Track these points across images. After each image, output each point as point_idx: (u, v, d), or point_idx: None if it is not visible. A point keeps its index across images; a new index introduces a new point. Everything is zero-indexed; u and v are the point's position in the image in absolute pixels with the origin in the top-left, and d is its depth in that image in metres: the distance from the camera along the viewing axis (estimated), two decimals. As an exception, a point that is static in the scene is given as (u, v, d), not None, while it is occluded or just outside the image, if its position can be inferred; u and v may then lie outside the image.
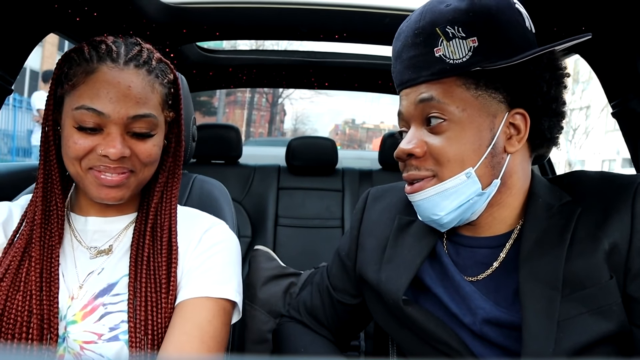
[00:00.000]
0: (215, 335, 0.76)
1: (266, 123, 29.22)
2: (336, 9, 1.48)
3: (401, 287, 0.76)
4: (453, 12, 0.68)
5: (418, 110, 0.72)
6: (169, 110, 0.84)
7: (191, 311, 0.77)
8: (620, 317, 0.65)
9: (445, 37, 0.68)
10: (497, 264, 0.73)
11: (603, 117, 16.43)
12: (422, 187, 0.72)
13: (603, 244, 0.66)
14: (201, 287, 0.79)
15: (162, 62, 0.82)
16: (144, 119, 0.75)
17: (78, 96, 0.74)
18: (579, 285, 0.66)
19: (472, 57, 0.68)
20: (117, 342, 0.74)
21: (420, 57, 0.70)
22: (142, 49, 0.79)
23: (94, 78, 0.74)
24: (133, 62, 0.76)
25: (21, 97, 10.56)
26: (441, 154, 0.70)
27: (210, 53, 2.10)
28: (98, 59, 0.75)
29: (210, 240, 0.84)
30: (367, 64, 2.15)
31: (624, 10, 1.09)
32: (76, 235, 0.83)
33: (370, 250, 0.85)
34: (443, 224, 0.73)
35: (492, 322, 0.70)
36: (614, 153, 18.05)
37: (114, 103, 0.73)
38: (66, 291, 0.77)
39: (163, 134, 0.83)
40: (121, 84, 0.74)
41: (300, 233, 2.26)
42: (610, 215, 0.68)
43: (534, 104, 0.70)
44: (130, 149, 0.75)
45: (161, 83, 0.80)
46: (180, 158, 0.88)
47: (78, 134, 0.74)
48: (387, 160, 2.39)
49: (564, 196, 0.73)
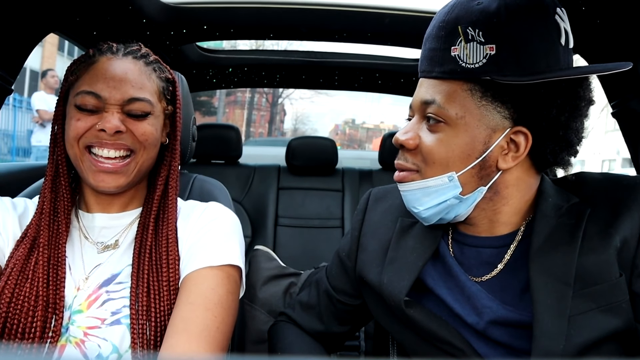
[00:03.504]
0: (221, 302, 0.78)
1: (266, 123, 29.23)
2: (336, 9, 1.48)
3: (403, 290, 0.76)
4: (479, 13, 0.65)
5: (422, 108, 0.72)
6: (167, 103, 0.89)
7: (194, 282, 0.79)
8: (628, 314, 0.66)
9: (465, 38, 0.66)
10: (503, 264, 0.73)
11: (603, 117, 16.42)
12: (406, 178, 0.74)
13: (614, 240, 0.66)
14: (202, 259, 0.81)
15: (159, 63, 0.89)
16: (139, 102, 0.81)
17: (80, 84, 0.81)
18: (590, 282, 0.66)
19: (486, 65, 0.65)
20: (119, 325, 0.76)
21: (437, 52, 0.69)
22: (140, 48, 0.87)
23: (95, 67, 0.81)
24: (131, 55, 0.84)
25: (21, 97, 10.56)
26: (430, 153, 0.70)
27: (210, 53, 2.10)
28: (99, 53, 0.83)
29: (207, 217, 0.88)
30: (367, 64, 2.15)
31: (624, 10, 1.09)
32: (84, 231, 0.86)
33: (371, 251, 0.85)
34: (423, 218, 0.75)
35: (499, 321, 0.70)
36: (614, 153, 18.05)
37: (111, 87, 0.79)
38: (72, 282, 0.80)
39: (161, 123, 0.88)
40: (118, 70, 0.81)
41: (300, 233, 2.26)
42: (621, 213, 0.68)
43: (539, 126, 0.67)
44: (126, 127, 0.80)
45: (158, 76, 0.87)
46: (176, 153, 0.91)
47: (79, 114, 0.80)
48: (387, 160, 2.39)
49: (572, 197, 0.72)
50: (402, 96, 2.48)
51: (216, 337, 0.75)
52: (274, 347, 0.93)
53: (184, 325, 0.73)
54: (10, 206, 0.86)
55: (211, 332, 0.74)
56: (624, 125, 1.30)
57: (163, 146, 0.91)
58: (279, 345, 0.91)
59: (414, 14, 1.49)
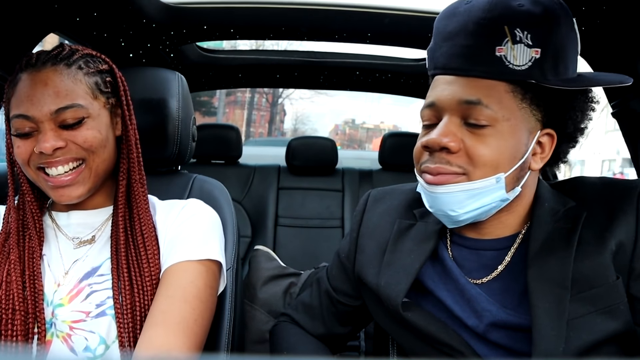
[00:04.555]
0: (199, 295, 0.79)
1: (266, 123, 29.22)
2: (336, 9, 1.48)
3: (400, 293, 0.76)
4: (527, 15, 0.65)
5: (461, 108, 0.68)
6: (106, 97, 0.84)
7: (173, 275, 0.79)
8: (626, 316, 0.66)
9: (512, 39, 0.65)
10: (503, 267, 0.73)
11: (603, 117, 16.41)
12: (449, 181, 0.69)
13: (610, 244, 0.67)
14: (181, 252, 0.81)
15: (89, 56, 0.84)
16: (68, 110, 0.78)
17: (12, 108, 0.79)
18: (587, 285, 0.66)
19: (531, 68, 0.65)
20: (104, 317, 0.77)
21: (477, 50, 0.66)
22: (63, 49, 0.82)
23: (18, 87, 0.79)
24: (50, 62, 0.80)
25: (21, 97, 10.54)
26: (478, 155, 0.67)
27: (210, 53, 2.10)
28: (20, 70, 0.80)
29: (186, 212, 0.88)
30: (367, 64, 2.15)
31: (624, 10, 1.09)
32: (60, 230, 0.86)
33: (369, 253, 0.85)
34: (457, 221, 0.71)
35: (498, 324, 0.70)
36: (614, 153, 18.05)
37: (35, 104, 0.77)
38: (52, 278, 0.81)
39: (105, 121, 0.84)
40: (38, 84, 0.78)
41: (300, 233, 2.26)
42: (616, 217, 0.68)
43: (565, 129, 0.70)
44: (65, 140, 0.78)
45: (86, 73, 0.82)
46: (132, 144, 0.87)
47: (18, 140, 0.79)
48: (387, 160, 2.39)
49: (568, 201, 0.73)
50: (402, 96, 2.49)
51: (194, 329, 0.76)
52: (277, 348, 0.93)
53: (162, 318, 0.74)
54: None
55: (189, 324, 0.75)
56: (624, 125, 1.30)
57: (120, 138, 0.88)
58: (284, 345, 0.91)
59: (414, 14, 1.49)
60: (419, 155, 0.73)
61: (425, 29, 0.74)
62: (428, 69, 0.75)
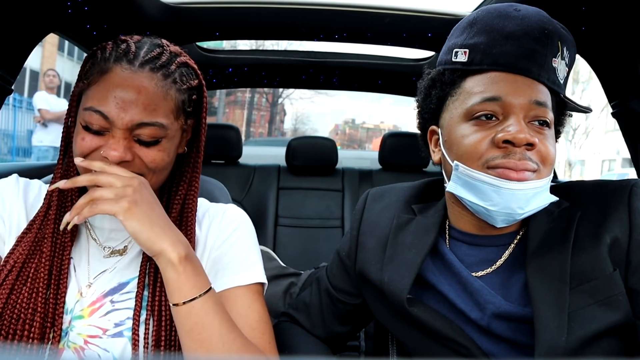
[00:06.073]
0: (261, 318, 0.78)
1: (266, 123, 29.24)
2: (336, 9, 1.48)
3: (404, 288, 0.77)
4: (568, 36, 0.73)
5: (531, 107, 0.69)
6: (187, 118, 0.79)
7: (228, 304, 0.76)
8: (626, 307, 0.68)
9: (561, 54, 0.71)
10: (502, 261, 0.75)
11: (603, 117, 16.43)
12: (528, 178, 0.68)
13: (605, 238, 0.69)
14: (232, 278, 0.79)
15: (185, 67, 0.78)
16: (149, 127, 0.72)
17: (90, 96, 0.73)
18: (585, 278, 0.68)
19: (563, 84, 0.73)
20: (121, 338, 0.73)
21: (541, 57, 0.69)
22: (163, 52, 0.76)
23: (106, 79, 0.72)
24: (149, 65, 0.73)
25: (21, 97, 10.57)
26: (549, 154, 0.70)
27: (210, 53, 2.10)
28: (115, 59, 0.73)
29: (227, 227, 0.83)
30: (367, 64, 2.15)
31: (624, 10, 1.09)
32: (91, 232, 0.82)
33: (370, 249, 0.85)
34: (518, 219, 0.71)
35: (502, 316, 0.71)
36: (614, 153, 18.05)
37: (120, 108, 0.71)
38: (76, 285, 0.77)
39: (176, 142, 0.79)
40: (131, 88, 0.71)
41: (300, 233, 2.26)
42: (609, 214, 0.71)
43: (559, 134, 0.79)
44: (133, 154, 0.73)
45: (178, 89, 0.76)
46: (198, 168, 0.84)
47: (84, 133, 0.73)
48: (387, 160, 2.39)
49: (562, 202, 0.75)
50: (403, 96, 2.49)
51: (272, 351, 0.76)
52: (277, 348, 0.93)
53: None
54: (21, 193, 0.81)
55: (266, 349, 0.76)
56: (624, 125, 1.30)
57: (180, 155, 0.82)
58: (286, 345, 0.91)
59: (414, 14, 1.49)
60: (482, 150, 0.70)
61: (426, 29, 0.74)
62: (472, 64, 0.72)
